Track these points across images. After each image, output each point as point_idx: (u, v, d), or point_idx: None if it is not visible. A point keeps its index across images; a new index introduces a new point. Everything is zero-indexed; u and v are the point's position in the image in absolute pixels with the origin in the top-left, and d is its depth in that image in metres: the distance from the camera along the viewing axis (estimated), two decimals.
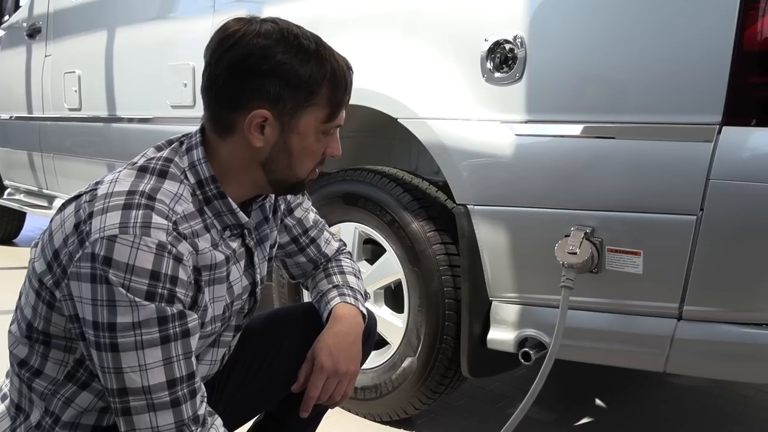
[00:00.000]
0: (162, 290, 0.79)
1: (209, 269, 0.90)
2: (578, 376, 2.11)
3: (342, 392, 1.07)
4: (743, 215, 1.12)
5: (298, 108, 0.88)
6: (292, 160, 0.92)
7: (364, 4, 1.63)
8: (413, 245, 1.54)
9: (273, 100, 0.87)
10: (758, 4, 1.11)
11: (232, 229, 0.95)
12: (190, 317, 0.83)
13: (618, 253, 1.24)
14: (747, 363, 1.22)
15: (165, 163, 0.89)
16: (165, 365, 0.80)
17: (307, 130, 0.90)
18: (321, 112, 0.90)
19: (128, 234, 0.78)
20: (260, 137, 0.88)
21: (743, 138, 1.12)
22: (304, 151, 0.92)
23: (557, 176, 1.29)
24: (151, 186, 0.85)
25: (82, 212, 0.83)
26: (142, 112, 2.35)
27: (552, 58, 1.31)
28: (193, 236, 0.87)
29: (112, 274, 0.77)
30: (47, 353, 0.89)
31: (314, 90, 0.88)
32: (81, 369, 0.89)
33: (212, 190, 0.91)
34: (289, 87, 0.86)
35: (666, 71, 1.18)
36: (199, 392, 0.85)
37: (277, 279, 1.87)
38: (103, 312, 0.78)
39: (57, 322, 0.86)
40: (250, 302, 1.05)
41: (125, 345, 0.78)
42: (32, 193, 3.25)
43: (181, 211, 0.87)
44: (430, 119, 1.45)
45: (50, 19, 2.91)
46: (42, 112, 2.97)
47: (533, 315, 1.39)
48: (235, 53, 0.86)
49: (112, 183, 0.85)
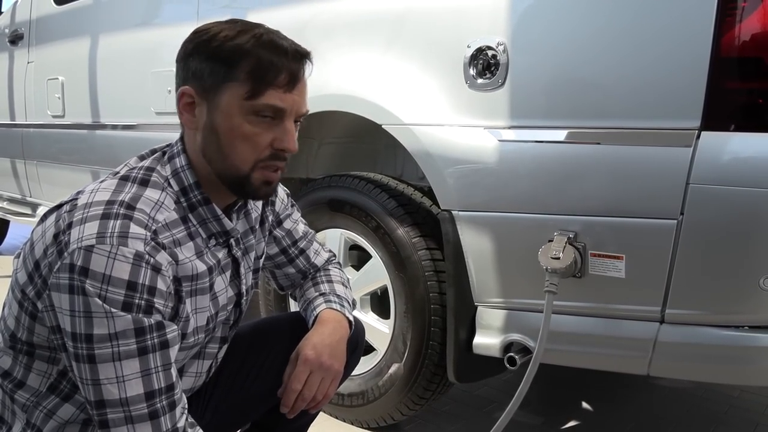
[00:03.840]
0: (139, 301, 0.79)
1: (190, 279, 0.89)
2: (565, 380, 2.13)
3: (324, 391, 1.05)
4: (723, 219, 1.13)
5: (218, 83, 0.86)
6: (222, 143, 0.87)
7: (348, 11, 1.63)
8: (399, 251, 1.54)
9: (196, 76, 0.87)
10: (734, 11, 1.13)
11: (217, 238, 0.94)
12: (169, 328, 0.83)
13: (601, 257, 1.25)
14: (728, 365, 1.24)
15: (147, 172, 0.89)
16: (143, 377, 0.79)
17: (230, 108, 0.86)
18: (242, 88, 0.85)
19: (105, 244, 0.78)
20: (191, 118, 0.89)
21: (722, 143, 1.13)
22: (231, 132, 0.87)
23: (540, 181, 1.30)
24: (131, 195, 0.84)
25: (62, 222, 0.82)
26: (127, 118, 2.34)
27: (534, 64, 1.32)
28: (174, 245, 0.86)
29: (89, 284, 0.77)
30: (31, 364, 0.88)
31: (233, 64, 0.85)
32: (64, 381, 0.88)
33: (196, 197, 0.90)
34: (209, 61, 0.86)
35: (646, 77, 1.19)
36: (179, 404, 0.85)
37: (264, 287, 1.86)
38: (81, 323, 0.77)
39: (40, 332, 0.86)
40: (235, 313, 1.04)
41: (102, 356, 0.78)
42: (15, 201, 3.21)
43: (162, 220, 0.86)
44: (414, 125, 1.46)
45: (32, 25, 2.88)
46: (25, 118, 2.94)
47: (518, 320, 1.40)
48: (187, 39, 0.90)
49: (93, 193, 0.85)
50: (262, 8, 1.86)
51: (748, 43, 1.13)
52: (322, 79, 1.63)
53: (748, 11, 1.12)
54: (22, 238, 4.23)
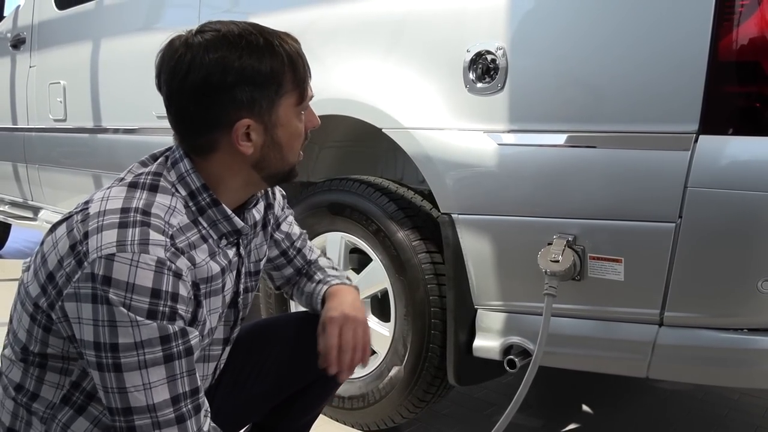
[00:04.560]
0: (163, 308, 0.79)
1: (206, 282, 0.90)
2: (565, 382, 2.13)
3: (359, 339, 1.10)
4: (720, 222, 1.14)
5: (273, 104, 0.89)
6: (284, 150, 0.93)
7: (348, 16, 1.64)
8: (399, 254, 1.55)
9: (248, 106, 0.87)
10: (732, 15, 1.13)
11: (227, 237, 0.95)
12: (192, 334, 0.83)
13: (600, 260, 1.25)
14: (727, 368, 1.24)
15: (155, 177, 0.89)
16: (169, 383, 0.80)
17: (288, 118, 0.91)
18: (293, 98, 0.91)
19: (126, 252, 0.78)
20: (249, 144, 0.89)
21: (720, 147, 1.14)
22: (292, 137, 0.93)
23: (539, 185, 1.31)
24: (144, 201, 0.84)
25: (77, 233, 0.81)
26: (128, 122, 2.35)
27: (533, 68, 1.32)
28: (190, 248, 0.87)
29: (113, 293, 0.76)
30: (42, 376, 0.88)
31: (280, 81, 0.88)
32: (77, 392, 0.88)
33: (205, 199, 0.91)
34: (257, 88, 0.87)
35: (645, 81, 1.20)
36: (203, 407, 0.85)
37: (264, 290, 1.87)
38: (105, 332, 0.77)
39: (54, 344, 0.85)
40: (234, 313, 1.05)
41: (129, 365, 0.78)
42: (17, 205, 3.22)
43: (177, 224, 0.86)
44: (414, 129, 1.46)
45: (35, 29, 2.89)
46: (27, 122, 2.95)
47: (518, 322, 1.40)
48: (194, 78, 0.85)
49: (104, 201, 0.84)
50: (263, 13, 1.87)
51: (746, 47, 1.13)
52: (323, 83, 1.64)
53: (745, 15, 1.13)
54: (23, 242, 4.24)
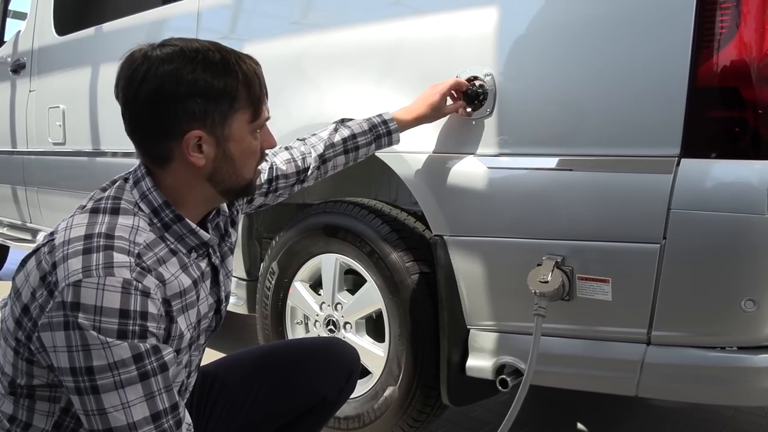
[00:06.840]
0: (133, 327, 0.81)
1: (179, 296, 0.91)
2: (560, 400, 2.14)
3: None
4: (703, 243, 1.17)
5: (226, 118, 0.91)
6: (236, 165, 0.95)
7: (343, 43, 1.68)
8: (393, 275, 1.57)
9: (201, 118, 0.89)
10: (711, 42, 1.17)
11: (197, 250, 0.97)
12: (165, 350, 0.85)
13: (588, 281, 1.28)
14: (716, 386, 1.26)
15: (115, 200, 0.92)
16: (147, 400, 0.81)
17: (240, 134, 0.93)
18: (247, 114, 0.93)
19: (92, 277, 0.80)
20: (200, 156, 0.91)
21: (702, 170, 1.17)
22: (244, 153, 0.95)
23: (528, 207, 1.34)
24: (107, 225, 0.86)
25: (45, 264, 0.84)
26: (126, 146, 2.37)
27: (521, 94, 1.36)
28: (159, 263, 0.89)
29: (82, 317, 0.78)
30: (33, 406, 0.90)
31: (234, 96, 0.91)
32: (67, 417, 0.90)
33: (168, 215, 0.93)
34: (210, 101, 0.89)
35: (630, 107, 1.23)
36: (184, 421, 0.87)
37: (261, 311, 1.89)
38: (80, 357, 0.79)
39: (39, 374, 0.87)
40: (216, 319, 1.07)
41: (105, 386, 0.79)
42: (16, 227, 3.24)
43: (143, 241, 0.88)
44: (406, 153, 1.50)
45: (34, 55, 2.94)
46: (26, 146, 2.98)
47: (510, 342, 1.42)
48: (148, 86, 0.88)
49: (68, 230, 0.86)
50: (260, 39, 1.91)
51: (725, 72, 1.17)
52: (319, 106, 1.68)
53: (724, 42, 1.17)
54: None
